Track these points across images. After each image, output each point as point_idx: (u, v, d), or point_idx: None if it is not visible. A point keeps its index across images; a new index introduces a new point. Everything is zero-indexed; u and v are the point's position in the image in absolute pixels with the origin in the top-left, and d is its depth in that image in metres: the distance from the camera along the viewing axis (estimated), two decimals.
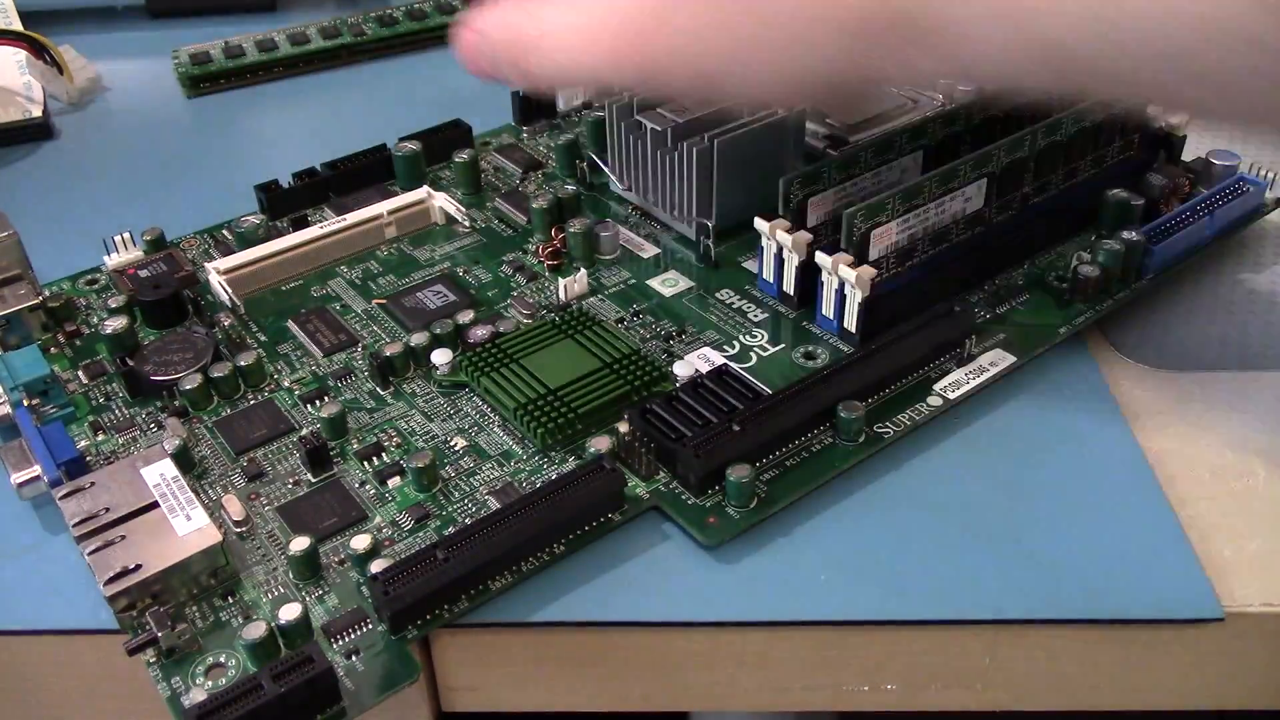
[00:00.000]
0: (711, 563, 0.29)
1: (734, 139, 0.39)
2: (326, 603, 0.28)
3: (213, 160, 0.50)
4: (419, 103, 0.53)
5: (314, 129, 0.52)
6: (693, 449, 0.30)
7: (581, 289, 0.38)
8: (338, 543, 0.30)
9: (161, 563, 0.28)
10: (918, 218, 0.35)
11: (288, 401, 0.34)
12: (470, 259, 0.41)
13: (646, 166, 0.41)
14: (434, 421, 0.33)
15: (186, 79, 0.55)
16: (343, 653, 0.27)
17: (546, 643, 0.29)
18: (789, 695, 0.30)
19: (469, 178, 0.44)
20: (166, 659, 0.27)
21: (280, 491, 0.31)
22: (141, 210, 0.45)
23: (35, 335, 0.37)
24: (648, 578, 0.29)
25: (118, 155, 0.50)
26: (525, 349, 0.34)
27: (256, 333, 0.37)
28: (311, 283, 0.40)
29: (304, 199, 0.43)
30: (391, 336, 0.37)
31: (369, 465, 0.32)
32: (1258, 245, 0.41)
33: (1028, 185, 0.38)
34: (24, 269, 0.37)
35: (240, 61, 0.55)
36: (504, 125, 0.49)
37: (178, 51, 0.56)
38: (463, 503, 0.31)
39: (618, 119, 0.41)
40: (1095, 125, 0.39)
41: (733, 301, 0.38)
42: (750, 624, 0.28)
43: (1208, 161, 0.41)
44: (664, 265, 0.40)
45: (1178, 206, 0.39)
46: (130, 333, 0.36)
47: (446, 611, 0.28)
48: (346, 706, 0.26)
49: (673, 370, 0.34)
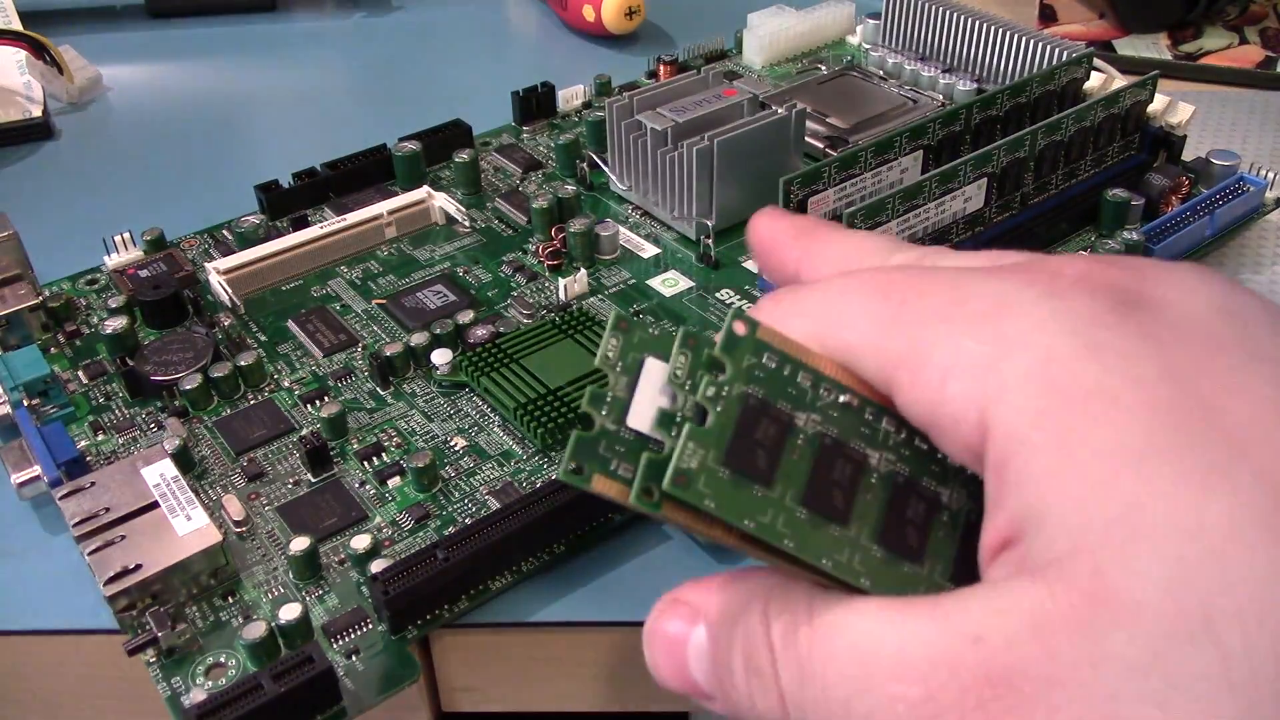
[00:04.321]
0: (712, 563, 0.29)
1: (734, 139, 0.39)
2: (326, 603, 0.28)
3: (213, 160, 0.50)
4: (419, 102, 0.53)
5: (314, 129, 0.52)
6: None
7: (581, 289, 0.38)
8: (338, 543, 0.30)
9: (161, 563, 0.28)
10: (918, 218, 0.35)
11: (288, 401, 0.34)
12: (470, 259, 0.41)
13: (646, 166, 0.41)
14: (434, 421, 0.33)
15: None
16: (343, 653, 0.27)
17: (546, 643, 0.29)
18: None
19: (469, 178, 0.44)
20: (166, 659, 0.27)
21: (280, 491, 0.31)
22: (141, 210, 0.45)
23: (35, 335, 0.37)
24: (648, 578, 0.29)
25: (118, 155, 0.50)
26: (525, 349, 0.34)
27: (256, 333, 0.37)
28: (311, 283, 0.40)
29: (304, 199, 0.43)
30: (391, 336, 0.37)
31: (369, 465, 0.32)
32: (1258, 245, 0.41)
33: (1028, 185, 0.38)
34: (24, 269, 0.37)
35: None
36: (504, 125, 0.49)
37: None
38: (463, 503, 0.31)
39: (618, 119, 0.41)
40: (1095, 125, 0.39)
41: (733, 301, 0.38)
42: None
43: (1208, 161, 0.41)
44: (664, 265, 0.40)
45: (1178, 206, 0.39)
46: (130, 333, 0.36)
47: (446, 611, 0.28)
48: (346, 706, 0.26)
49: None
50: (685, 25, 0.59)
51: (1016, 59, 0.46)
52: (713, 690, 0.20)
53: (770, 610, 0.19)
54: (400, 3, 0.64)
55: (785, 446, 0.19)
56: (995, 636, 0.16)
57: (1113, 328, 0.18)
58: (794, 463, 0.19)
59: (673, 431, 0.18)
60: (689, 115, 0.40)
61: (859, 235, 0.25)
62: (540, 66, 0.56)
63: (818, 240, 0.25)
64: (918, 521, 0.20)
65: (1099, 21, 0.59)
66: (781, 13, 0.54)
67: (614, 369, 0.19)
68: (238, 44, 0.60)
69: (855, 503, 0.19)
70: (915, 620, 0.18)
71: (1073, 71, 0.41)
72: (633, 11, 0.57)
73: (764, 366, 0.19)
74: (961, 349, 0.18)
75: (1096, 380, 0.17)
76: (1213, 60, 0.55)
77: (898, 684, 0.17)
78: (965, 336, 0.18)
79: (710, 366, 0.19)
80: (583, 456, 0.18)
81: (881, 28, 0.52)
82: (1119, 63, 0.54)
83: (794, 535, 0.19)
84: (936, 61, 0.49)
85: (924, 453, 0.20)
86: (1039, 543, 0.17)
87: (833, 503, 0.19)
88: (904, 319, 0.19)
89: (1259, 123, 0.49)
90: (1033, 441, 0.17)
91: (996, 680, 0.16)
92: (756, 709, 0.19)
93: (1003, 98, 0.39)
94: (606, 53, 0.58)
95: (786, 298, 0.21)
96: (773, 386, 0.19)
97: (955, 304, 0.19)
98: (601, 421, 0.19)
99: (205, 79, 0.57)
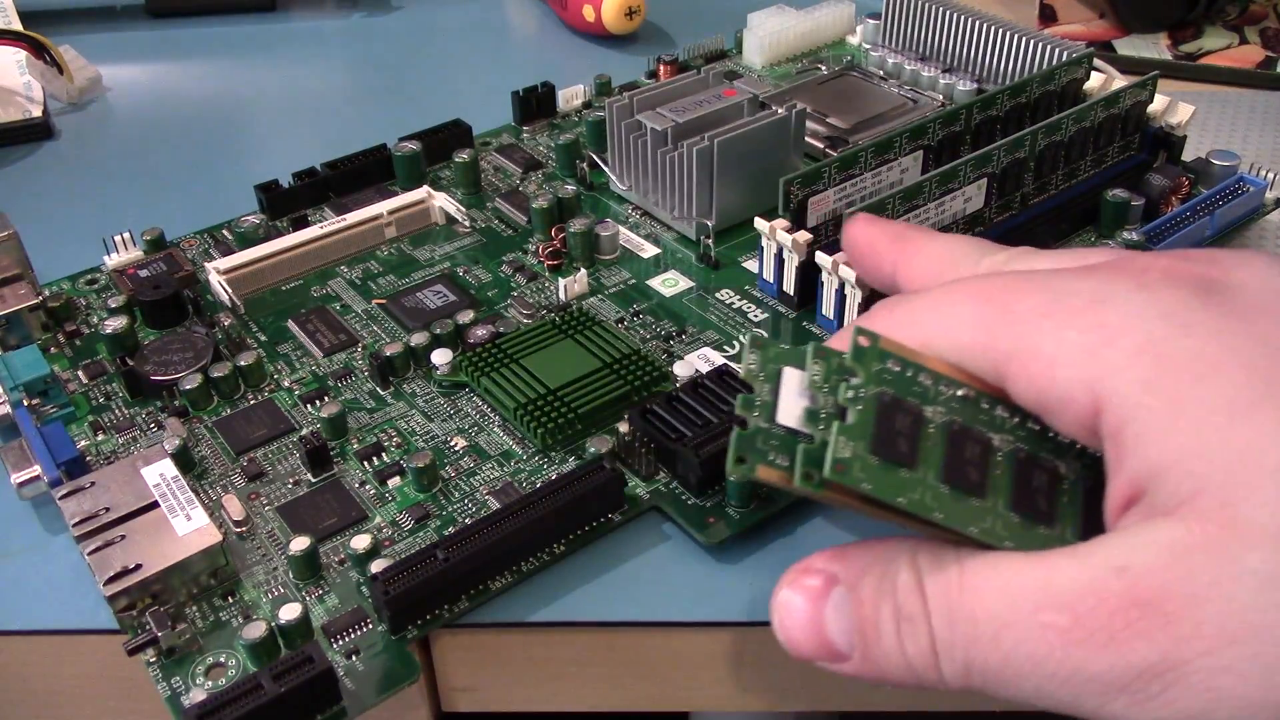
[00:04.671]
0: (711, 563, 0.29)
1: (734, 139, 0.39)
2: (326, 603, 0.28)
3: (213, 160, 0.50)
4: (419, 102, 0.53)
5: (314, 129, 0.52)
6: (693, 449, 0.30)
7: (581, 289, 0.38)
8: (338, 543, 0.30)
9: (161, 563, 0.28)
10: (918, 218, 0.35)
11: (288, 401, 0.34)
12: (470, 259, 0.41)
13: (646, 166, 0.41)
14: (434, 421, 0.33)
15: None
16: (343, 653, 0.27)
17: (546, 643, 0.29)
18: (789, 695, 0.30)
19: (469, 178, 0.44)
20: (166, 659, 0.27)
21: (280, 491, 0.31)
22: (141, 210, 0.45)
23: (35, 335, 0.37)
24: (648, 578, 0.29)
25: (118, 155, 0.50)
26: (525, 349, 0.34)
27: (256, 333, 0.37)
28: (311, 283, 0.40)
29: (304, 199, 0.43)
30: (391, 336, 0.37)
31: (369, 465, 0.32)
32: (1258, 245, 0.41)
33: (1028, 185, 0.38)
34: (24, 269, 0.37)
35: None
36: (504, 125, 0.49)
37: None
38: (463, 503, 0.31)
39: (618, 119, 0.41)
40: (1095, 125, 0.39)
41: (733, 301, 0.38)
42: (750, 624, 0.28)
43: (1208, 161, 0.41)
44: (664, 265, 0.40)
45: (1178, 206, 0.39)
46: (130, 333, 0.36)
47: (446, 611, 0.28)
48: (346, 706, 0.26)
49: (673, 370, 0.34)
50: (685, 25, 0.59)
51: (1016, 59, 0.46)
52: (852, 647, 0.22)
53: (919, 563, 0.22)
54: (400, 3, 0.64)
55: (920, 434, 0.22)
56: (1138, 565, 0.19)
57: (1200, 310, 0.20)
58: (930, 448, 0.22)
59: (820, 425, 0.22)
60: (689, 115, 0.40)
61: (951, 239, 0.28)
62: (540, 66, 0.56)
63: (912, 244, 0.28)
64: (1044, 490, 0.22)
65: (1099, 21, 0.59)
66: (781, 13, 0.54)
67: (757, 378, 0.23)
68: (238, 44, 0.60)
69: (988, 477, 0.22)
70: (1057, 560, 0.20)
71: (1073, 72, 0.41)
72: (633, 11, 0.57)
73: (889, 370, 0.22)
74: (1066, 339, 0.21)
75: (1197, 351, 0.20)
76: (1213, 60, 0.55)
77: (1045, 614, 0.19)
78: (1068, 329, 0.21)
79: (843, 373, 0.22)
80: (745, 449, 0.22)
81: (881, 28, 0.52)
82: (1119, 63, 0.54)
83: (942, 508, 0.21)
84: (936, 61, 0.49)
85: (1037, 433, 0.23)
86: (1165, 489, 0.19)
87: (969, 478, 0.22)
88: (1009, 320, 0.22)
89: (1259, 123, 0.49)
90: (1147, 405, 0.20)
91: (1144, 602, 0.18)
92: (905, 654, 0.21)
93: (1003, 98, 0.39)
94: (606, 53, 0.58)
95: (899, 309, 0.24)
96: (900, 386, 0.22)
97: (1053, 303, 0.22)
98: (754, 421, 0.22)
99: (205, 79, 0.57)
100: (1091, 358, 0.20)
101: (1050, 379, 0.21)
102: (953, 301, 0.23)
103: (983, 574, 0.21)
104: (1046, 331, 0.21)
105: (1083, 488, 0.23)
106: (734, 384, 0.32)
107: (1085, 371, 0.20)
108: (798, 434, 0.22)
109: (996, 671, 0.20)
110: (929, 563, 0.21)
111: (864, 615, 0.22)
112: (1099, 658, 0.19)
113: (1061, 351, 0.21)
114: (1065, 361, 0.21)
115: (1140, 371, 0.20)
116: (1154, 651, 0.18)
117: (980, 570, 0.21)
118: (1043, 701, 0.20)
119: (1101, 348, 0.20)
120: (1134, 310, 0.21)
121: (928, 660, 0.21)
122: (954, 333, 0.23)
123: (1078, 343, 0.21)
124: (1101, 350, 0.20)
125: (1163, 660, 0.18)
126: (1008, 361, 0.22)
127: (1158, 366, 0.20)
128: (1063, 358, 0.21)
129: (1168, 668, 0.18)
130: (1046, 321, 0.21)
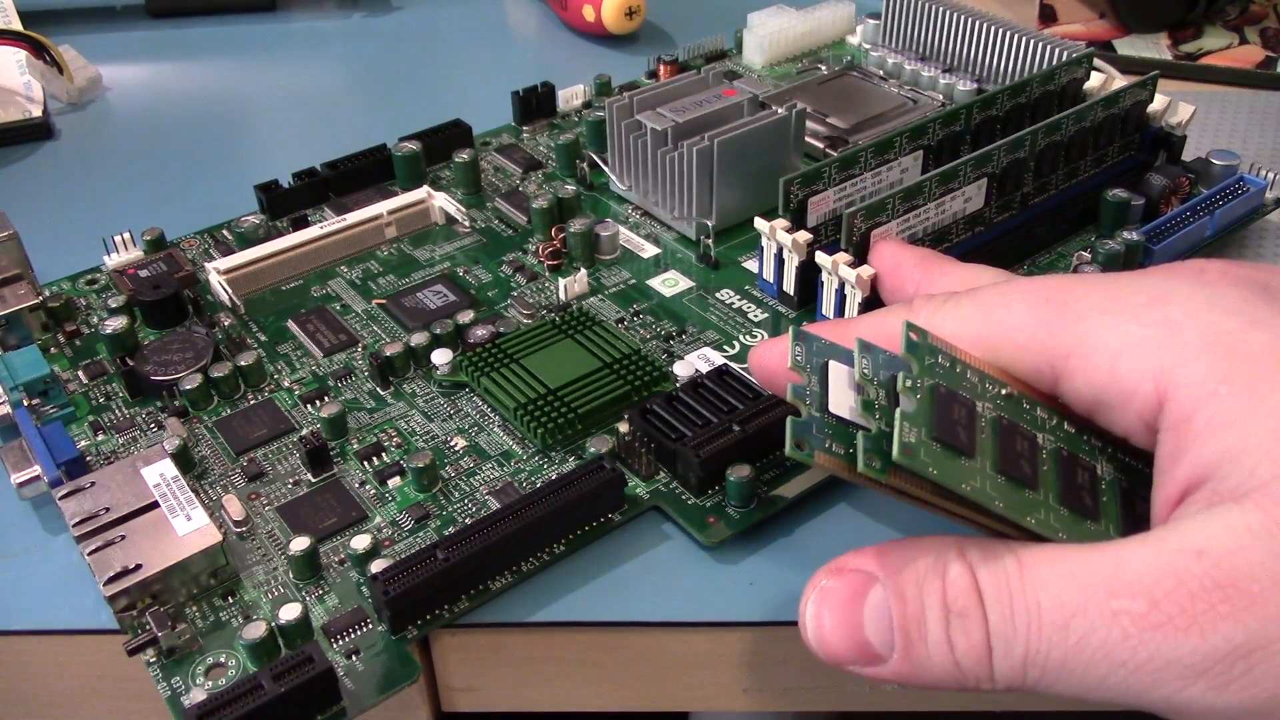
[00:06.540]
0: (711, 563, 0.29)
1: (734, 139, 0.39)
2: (326, 603, 0.28)
3: (213, 160, 0.50)
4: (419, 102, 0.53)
5: (314, 129, 0.52)
6: (693, 449, 0.30)
7: (581, 289, 0.38)
8: (338, 543, 0.30)
9: (161, 563, 0.28)
10: (918, 218, 0.35)
11: (288, 401, 0.34)
12: (470, 259, 0.41)
13: (646, 166, 0.41)
14: (434, 421, 0.33)
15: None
16: (343, 653, 0.27)
17: (546, 643, 0.29)
18: (789, 695, 0.30)
19: (469, 178, 0.44)
20: (166, 659, 0.27)
21: (280, 491, 0.31)
22: (141, 210, 0.45)
23: (35, 335, 0.37)
24: (648, 578, 0.29)
25: (118, 155, 0.50)
26: (525, 349, 0.34)
27: (256, 333, 0.37)
28: (311, 283, 0.40)
29: (304, 199, 0.43)
30: (391, 336, 0.37)
31: (369, 465, 0.32)
32: (1258, 245, 0.41)
33: (1028, 185, 0.38)
34: (24, 269, 0.37)
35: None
36: (504, 125, 0.49)
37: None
38: (463, 503, 0.31)
39: (618, 119, 0.41)
40: (1095, 125, 0.39)
41: (733, 301, 0.38)
42: (750, 624, 0.28)
43: (1208, 161, 0.41)
44: (664, 265, 0.40)
45: (1178, 206, 0.39)
46: (130, 333, 0.36)
47: (446, 611, 0.28)
48: (346, 706, 0.26)
49: (673, 370, 0.34)
50: (685, 25, 0.59)
51: (1016, 59, 0.46)
52: (891, 648, 0.21)
53: (970, 556, 0.21)
54: (400, 3, 0.64)
55: (975, 426, 0.22)
56: (1216, 548, 0.19)
57: (1264, 307, 0.21)
58: (984, 440, 0.22)
59: (875, 415, 0.22)
60: (689, 115, 0.40)
61: (974, 267, 0.29)
62: (540, 66, 0.56)
63: (936, 267, 0.29)
64: (1087, 487, 0.23)
65: (1099, 21, 0.59)
66: (781, 13, 0.54)
67: (804, 370, 0.23)
68: (238, 44, 0.60)
69: (1038, 471, 0.22)
70: (1126, 547, 0.20)
71: (1073, 71, 0.41)
72: (633, 11, 0.57)
73: (940, 365, 0.23)
74: (1129, 334, 0.21)
75: (1268, 344, 0.20)
76: (1213, 60, 0.55)
77: (1119, 599, 0.19)
78: (1130, 323, 0.21)
79: (892, 366, 0.22)
80: (802, 435, 0.22)
81: (881, 28, 0.52)
82: (1119, 63, 0.54)
83: (1002, 498, 0.21)
84: (936, 61, 0.49)
85: (1073, 435, 0.24)
86: (1236, 475, 0.19)
87: (1023, 471, 0.22)
88: (1068, 318, 0.22)
89: (1259, 123, 0.49)
90: (1221, 394, 0.20)
91: (1225, 584, 0.18)
92: (954, 652, 0.21)
93: (1003, 98, 0.39)
94: (606, 53, 0.58)
95: (944, 306, 0.24)
96: (951, 379, 0.23)
97: (1114, 299, 0.22)
98: (807, 410, 0.22)
99: (205, 79, 0.57)
100: (1160, 348, 0.21)
101: (1112, 372, 0.21)
102: (1006, 301, 0.23)
103: (1044, 564, 0.20)
104: (1109, 326, 0.22)
105: (1119, 488, 0.23)
106: (734, 384, 0.32)
107: (1151, 363, 0.21)
108: (850, 424, 0.22)
109: (1060, 663, 0.20)
110: (980, 556, 0.21)
111: (907, 613, 0.21)
112: (1179, 642, 0.19)
113: (1127, 345, 0.21)
114: (1130, 354, 0.21)
115: (1213, 362, 0.20)
116: (1239, 633, 0.18)
117: (1041, 560, 0.20)
118: (1105, 693, 0.19)
119: (1167, 340, 0.21)
120: (1199, 305, 0.21)
121: (979, 656, 0.20)
122: (1009, 331, 0.23)
123: (1141, 336, 0.21)
124: (1169, 341, 0.21)
125: (1248, 641, 0.18)
126: (1066, 358, 0.22)
127: (1231, 358, 0.20)
128: (1128, 350, 0.21)
129: (1253, 648, 0.18)
130: (1108, 317, 0.22)
